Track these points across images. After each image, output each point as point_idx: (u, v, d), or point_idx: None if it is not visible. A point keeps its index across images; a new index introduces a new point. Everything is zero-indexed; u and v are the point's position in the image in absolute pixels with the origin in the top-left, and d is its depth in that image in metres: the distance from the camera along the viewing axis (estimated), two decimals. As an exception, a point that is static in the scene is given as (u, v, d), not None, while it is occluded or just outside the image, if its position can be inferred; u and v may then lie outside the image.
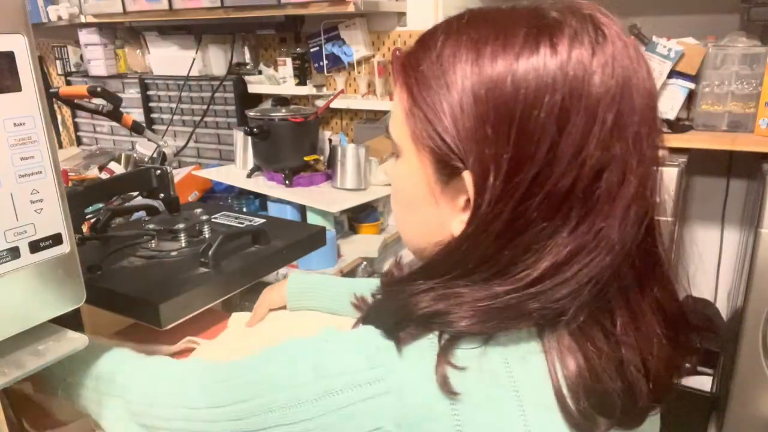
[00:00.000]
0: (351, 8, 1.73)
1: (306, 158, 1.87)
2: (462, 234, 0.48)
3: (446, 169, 0.48)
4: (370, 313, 0.54)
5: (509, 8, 0.48)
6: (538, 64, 0.43)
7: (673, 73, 1.66)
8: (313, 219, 1.76)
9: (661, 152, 0.47)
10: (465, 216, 0.48)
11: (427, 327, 0.48)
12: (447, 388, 0.45)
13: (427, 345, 0.47)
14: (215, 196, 2.10)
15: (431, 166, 0.49)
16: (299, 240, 1.04)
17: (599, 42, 0.44)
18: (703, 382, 1.90)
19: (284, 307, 1.00)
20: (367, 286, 0.93)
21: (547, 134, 0.43)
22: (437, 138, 0.47)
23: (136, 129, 1.08)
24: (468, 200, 0.47)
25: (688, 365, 0.54)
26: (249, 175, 1.97)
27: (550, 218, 0.44)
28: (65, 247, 0.58)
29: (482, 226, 0.46)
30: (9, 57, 0.52)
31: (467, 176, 0.46)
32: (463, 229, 0.48)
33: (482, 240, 0.46)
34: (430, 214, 0.52)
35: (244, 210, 1.98)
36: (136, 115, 2.46)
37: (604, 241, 0.45)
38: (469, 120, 0.45)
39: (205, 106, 2.29)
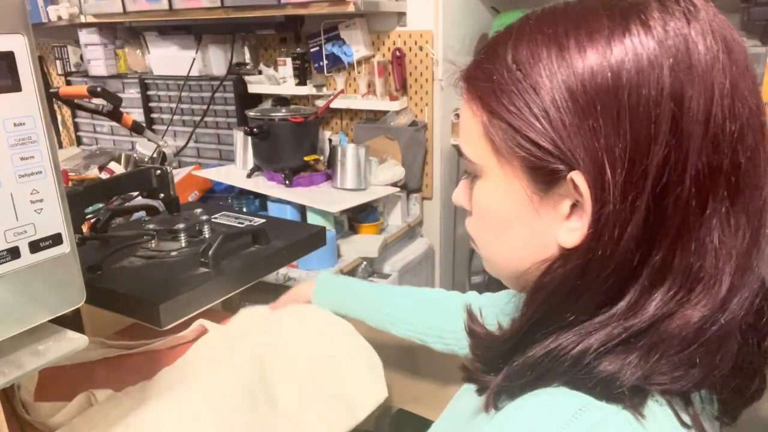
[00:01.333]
0: (351, 8, 1.73)
1: (306, 158, 1.87)
2: (590, 242, 0.43)
3: (544, 176, 0.44)
4: (510, 381, 0.46)
5: (577, 1, 0.46)
6: (634, 43, 0.41)
7: (673, 73, 1.66)
8: (313, 219, 1.76)
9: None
10: (573, 223, 0.44)
11: (644, 393, 0.42)
12: None
13: (658, 409, 0.42)
14: (215, 196, 2.10)
15: (525, 176, 0.45)
16: (299, 240, 1.03)
17: (690, 10, 0.42)
18: (703, 382, 1.90)
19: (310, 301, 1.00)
20: (400, 298, 0.92)
21: (664, 112, 0.40)
22: (529, 144, 0.44)
23: (136, 129, 1.08)
24: (574, 204, 0.44)
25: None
26: (249, 175, 1.97)
27: (706, 204, 0.41)
28: (65, 247, 0.58)
29: (614, 228, 0.41)
30: (9, 57, 0.52)
31: (577, 177, 0.42)
32: (589, 237, 0.43)
33: (620, 246, 0.42)
34: (530, 230, 0.47)
35: (244, 210, 1.97)
36: (136, 115, 2.46)
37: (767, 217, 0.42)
38: (568, 116, 0.42)
39: (205, 106, 2.29)
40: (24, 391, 0.84)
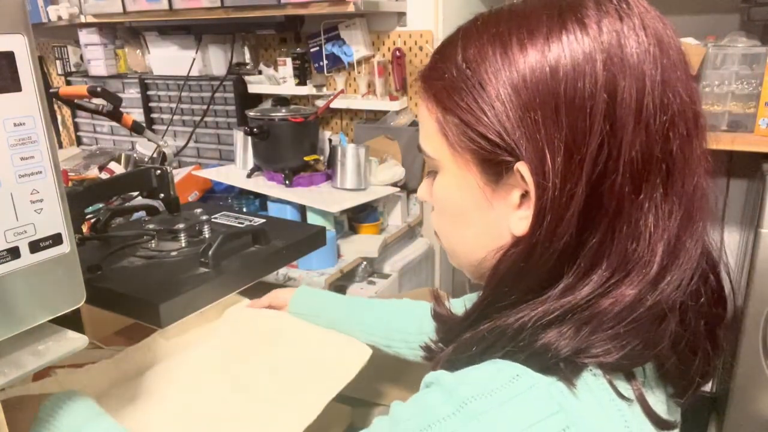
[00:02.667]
0: (351, 8, 1.73)
1: (306, 158, 1.87)
2: (533, 227, 0.46)
3: (494, 167, 0.47)
4: (458, 352, 0.49)
5: (522, 2, 0.48)
6: (570, 40, 0.43)
7: (673, 73, 1.66)
8: (313, 219, 1.76)
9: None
10: (523, 212, 0.47)
11: (578, 365, 0.44)
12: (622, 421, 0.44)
13: (593, 381, 0.45)
14: (215, 196, 2.10)
15: (477, 168, 0.48)
16: (299, 240, 1.03)
17: (623, 8, 0.45)
18: (703, 382, 1.90)
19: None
20: (369, 308, 0.92)
21: (598, 104, 0.42)
22: (479, 138, 0.47)
23: (136, 129, 1.08)
24: (524, 194, 0.47)
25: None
26: (249, 175, 1.97)
27: (640, 190, 0.44)
28: (65, 247, 0.58)
29: (555, 214, 0.44)
30: (9, 57, 0.52)
31: (522, 167, 0.45)
32: (532, 222, 0.46)
33: (560, 230, 0.44)
34: (485, 220, 0.50)
35: (244, 210, 1.97)
36: (136, 115, 2.46)
37: (703, 200, 0.46)
38: (512, 110, 0.45)
39: (205, 106, 2.29)
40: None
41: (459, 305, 0.60)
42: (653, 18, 0.45)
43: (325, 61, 2.06)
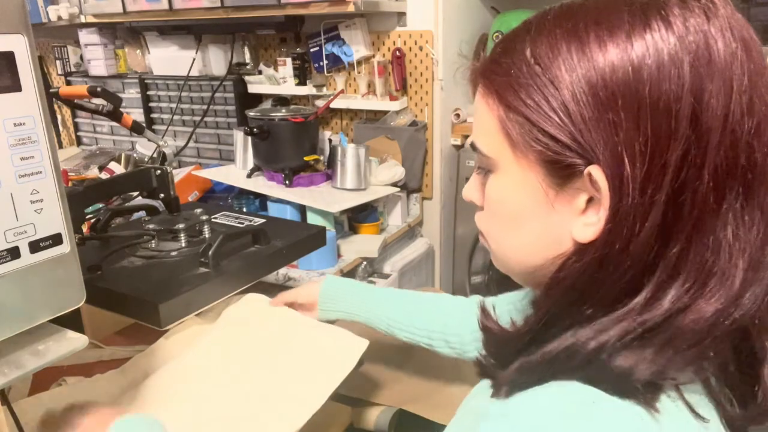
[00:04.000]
0: (351, 8, 1.73)
1: (306, 158, 1.87)
2: (607, 236, 0.43)
3: (561, 170, 0.44)
4: (521, 376, 0.46)
5: None
6: (655, 39, 0.41)
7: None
8: (313, 219, 1.76)
9: None
10: (588, 218, 0.44)
11: (657, 388, 0.42)
12: None
13: (670, 404, 0.42)
14: (215, 196, 2.10)
15: (541, 170, 0.46)
16: (299, 240, 1.03)
17: (710, 8, 0.42)
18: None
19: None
20: (404, 302, 0.91)
21: (684, 107, 0.40)
22: (546, 138, 0.44)
23: (136, 129, 1.08)
24: (590, 199, 0.44)
25: None
26: (249, 175, 1.97)
27: (723, 199, 0.42)
28: (65, 247, 0.58)
29: (632, 223, 0.42)
30: (9, 57, 0.52)
31: (596, 171, 0.42)
32: (606, 231, 0.43)
33: (638, 241, 0.42)
34: (545, 225, 0.47)
35: (244, 210, 1.97)
36: (136, 115, 2.46)
37: None
38: (588, 110, 0.42)
39: (205, 106, 2.29)
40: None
41: (504, 309, 0.56)
42: (739, 20, 0.43)
43: (325, 61, 2.06)
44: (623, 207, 0.42)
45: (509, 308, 0.56)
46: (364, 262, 1.79)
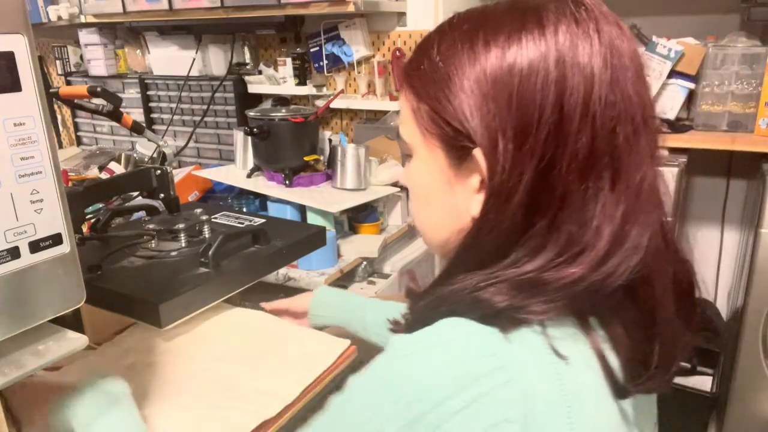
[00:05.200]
0: (351, 8, 1.73)
1: (306, 158, 1.87)
2: (483, 207, 0.51)
3: (457, 152, 0.52)
4: (417, 319, 0.52)
5: (494, 4, 0.53)
6: (528, 40, 0.48)
7: (673, 73, 1.66)
8: (313, 219, 1.75)
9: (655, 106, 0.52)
10: (481, 196, 0.51)
11: (516, 320, 0.48)
12: (557, 375, 0.47)
13: (532, 336, 0.48)
14: (215, 196, 2.10)
15: (442, 152, 0.53)
16: (299, 240, 1.03)
17: (581, 13, 0.49)
18: (703, 382, 1.91)
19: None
20: (388, 309, 0.96)
21: (547, 97, 0.47)
22: (444, 124, 0.51)
23: (136, 129, 1.08)
24: (482, 180, 0.51)
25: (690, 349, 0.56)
26: (249, 175, 1.97)
27: (585, 178, 0.48)
28: (65, 247, 0.58)
29: (503, 195, 0.49)
30: (9, 57, 0.52)
31: (477, 152, 0.49)
32: (483, 204, 0.51)
33: (507, 210, 0.49)
34: (449, 202, 0.55)
35: (244, 210, 1.97)
36: (136, 115, 2.46)
37: (650, 191, 0.49)
38: (473, 100, 0.49)
39: (205, 106, 2.29)
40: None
41: None
42: (610, 23, 0.49)
43: (325, 61, 2.06)
44: (496, 183, 0.49)
45: None
46: (364, 262, 1.79)
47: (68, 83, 2.69)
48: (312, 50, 2.08)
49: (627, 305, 0.52)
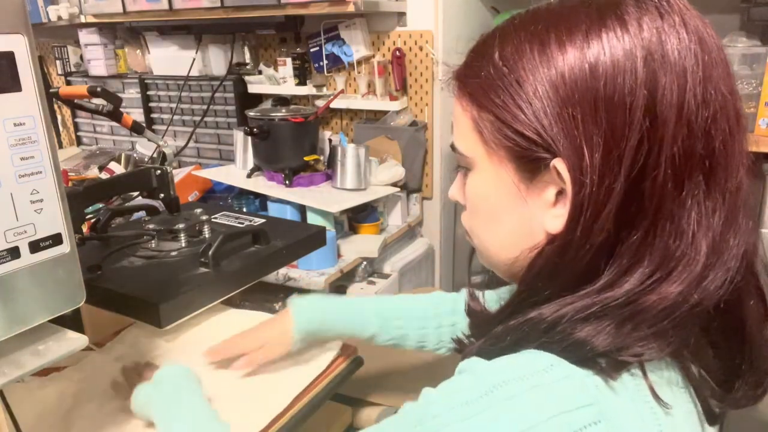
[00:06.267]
0: (351, 8, 1.73)
1: (306, 158, 1.87)
2: (568, 225, 0.45)
3: (530, 164, 0.47)
4: (489, 344, 0.49)
5: (558, 1, 0.49)
6: (610, 37, 0.43)
7: (673, 73, 1.66)
8: (313, 219, 1.75)
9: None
10: (558, 210, 0.47)
11: (618, 363, 0.44)
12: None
13: (631, 381, 0.44)
14: (215, 196, 2.10)
15: (512, 166, 0.48)
16: (299, 240, 1.03)
17: (664, 6, 0.45)
18: (703, 382, 1.90)
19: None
20: (381, 308, 0.89)
21: (638, 100, 0.42)
22: (514, 135, 0.46)
23: (136, 129, 1.08)
24: (560, 192, 0.46)
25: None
26: (249, 175, 1.97)
27: (682, 186, 0.43)
28: (65, 247, 0.58)
29: (592, 210, 0.44)
30: (9, 57, 0.52)
31: (558, 163, 0.45)
32: (568, 220, 0.45)
33: (597, 227, 0.44)
34: (519, 218, 0.50)
35: (244, 210, 1.97)
36: (136, 115, 2.46)
37: (745, 198, 0.45)
38: (550, 107, 0.45)
39: (205, 106, 2.29)
40: None
41: (493, 298, 0.59)
42: (694, 16, 0.45)
43: (325, 61, 2.06)
44: (583, 195, 0.44)
45: (496, 298, 0.59)
46: (364, 262, 1.79)
47: (68, 83, 2.69)
48: (312, 50, 2.08)
49: (715, 326, 0.48)
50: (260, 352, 0.85)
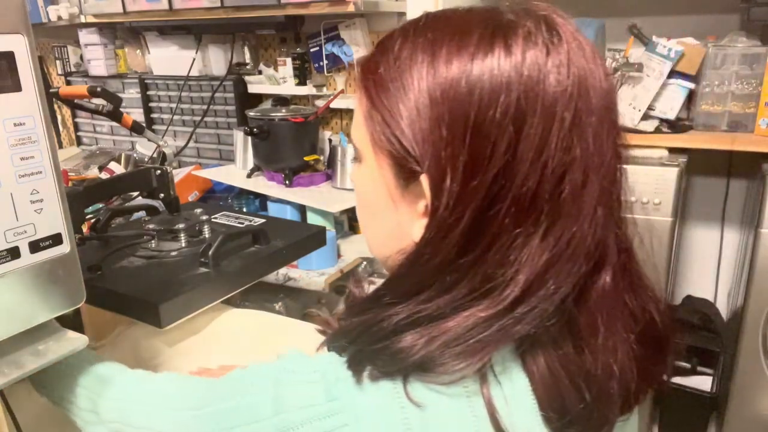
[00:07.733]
0: (351, 8, 1.73)
1: (306, 158, 1.87)
2: (422, 239, 0.47)
3: (405, 172, 0.47)
4: (336, 338, 0.52)
5: (466, 10, 0.48)
6: (493, 65, 0.43)
7: (673, 73, 1.66)
8: (313, 219, 1.76)
9: (624, 151, 0.47)
10: (425, 221, 0.47)
11: (405, 372, 0.46)
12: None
13: (390, 385, 0.46)
14: (215, 196, 2.10)
15: (390, 170, 0.48)
16: (299, 240, 1.03)
17: (554, 42, 0.44)
18: (703, 382, 1.90)
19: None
20: None
21: (503, 135, 0.42)
22: (395, 141, 0.46)
23: (136, 129, 1.08)
24: (428, 206, 0.46)
25: (664, 376, 0.53)
26: (249, 175, 1.97)
27: (520, 224, 0.44)
28: (65, 247, 0.58)
29: (442, 231, 0.45)
30: (9, 57, 0.52)
31: (424, 180, 0.45)
32: (423, 234, 0.47)
33: (443, 247, 0.45)
34: (391, 220, 0.51)
35: (244, 210, 1.97)
36: (136, 115, 2.46)
37: (580, 246, 0.45)
38: (425, 122, 0.44)
39: (205, 106, 2.29)
40: None
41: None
42: (583, 56, 0.44)
43: (325, 61, 2.06)
44: (438, 216, 0.45)
45: None
46: (364, 262, 1.79)
47: (68, 83, 2.69)
48: (312, 50, 2.08)
49: (562, 344, 0.47)
50: None
